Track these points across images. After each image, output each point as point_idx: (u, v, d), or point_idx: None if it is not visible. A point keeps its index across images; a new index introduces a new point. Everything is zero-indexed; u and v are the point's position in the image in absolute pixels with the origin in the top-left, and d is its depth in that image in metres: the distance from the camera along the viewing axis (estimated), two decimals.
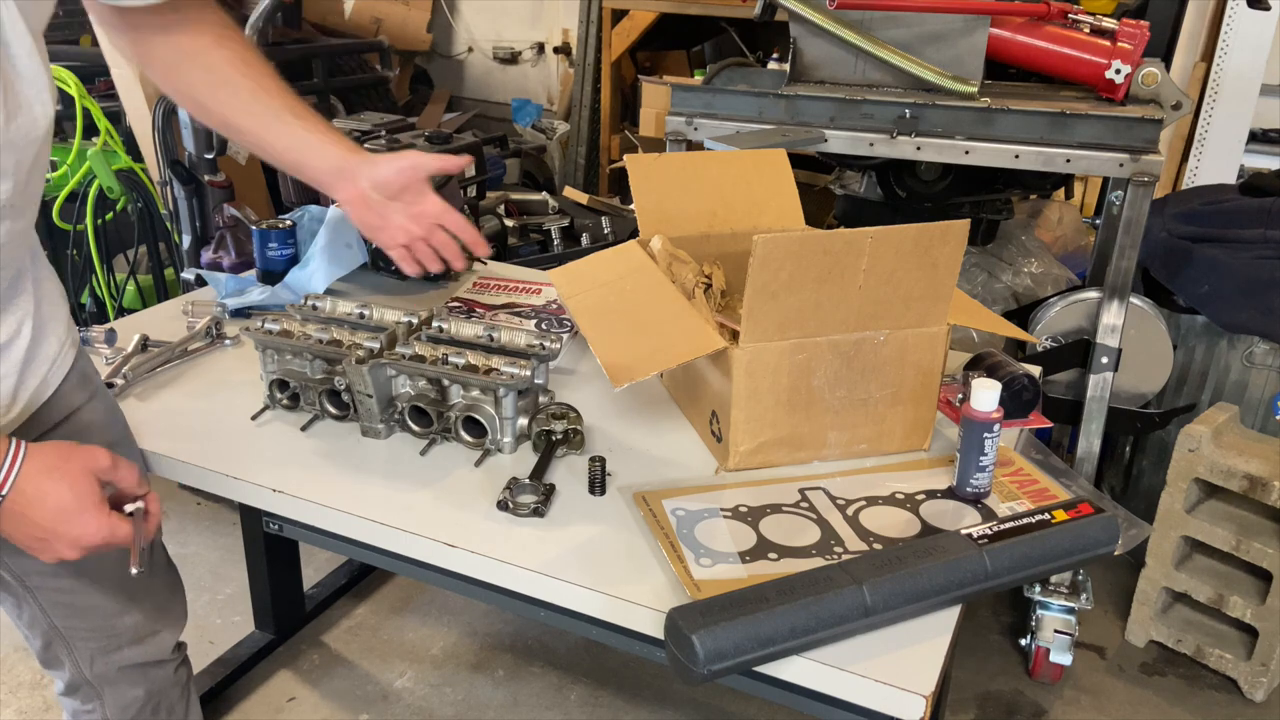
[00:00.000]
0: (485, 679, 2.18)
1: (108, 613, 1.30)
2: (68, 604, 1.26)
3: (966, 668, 2.19)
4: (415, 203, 1.41)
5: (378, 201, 1.38)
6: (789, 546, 1.14)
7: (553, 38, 4.92)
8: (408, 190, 1.39)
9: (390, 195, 1.39)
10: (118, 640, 1.32)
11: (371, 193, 1.37)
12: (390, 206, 1.39)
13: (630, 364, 1.20)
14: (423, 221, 1.41)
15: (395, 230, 1.41)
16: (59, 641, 1.29)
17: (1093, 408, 2.05)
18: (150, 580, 1.34)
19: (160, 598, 1.38)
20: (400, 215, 1.40)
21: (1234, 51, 3.20)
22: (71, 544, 1.00)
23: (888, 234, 1.18)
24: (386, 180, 1.37)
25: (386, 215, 1.40)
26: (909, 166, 2.33)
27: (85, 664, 1.31)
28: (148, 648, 1.35)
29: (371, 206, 1.39)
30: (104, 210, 2.81)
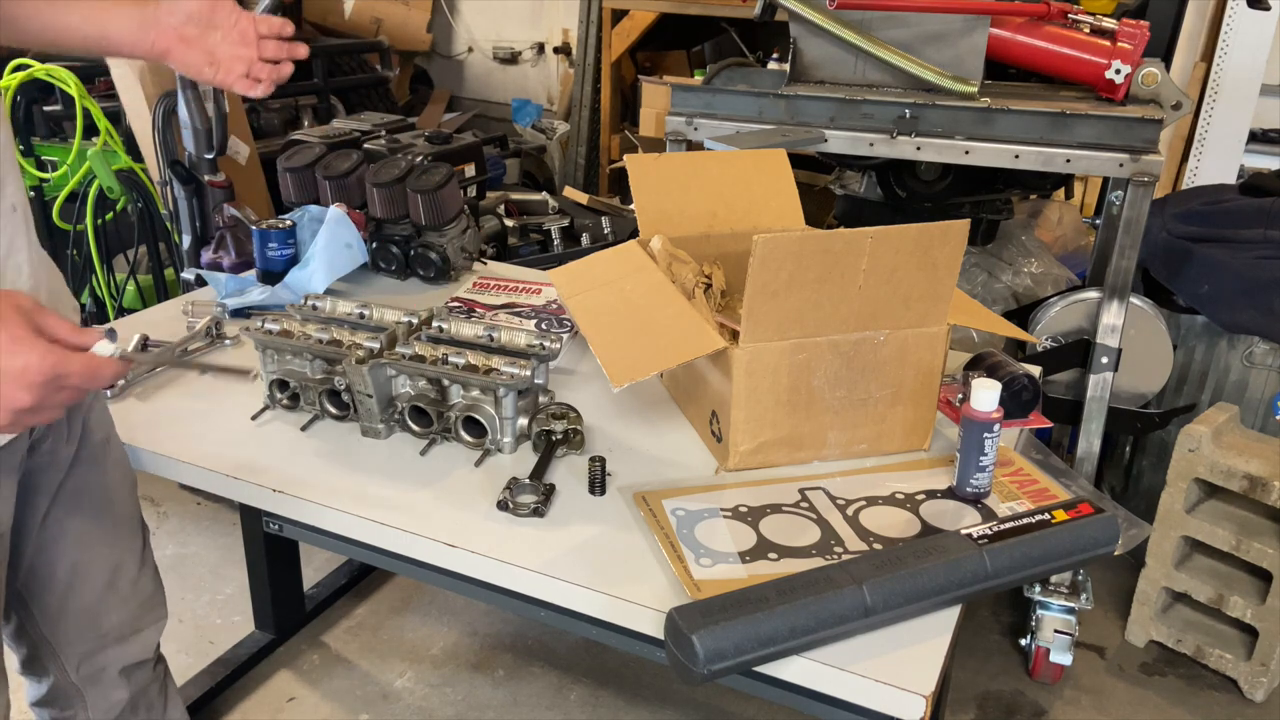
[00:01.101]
0: (485, 679, 2.18)
1: (94, 614, 1.29)
2: (59, 607, 1.26)
3: (966, 668, 2.19)
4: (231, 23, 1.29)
5: (197, 37, 1.26)
6: (789, 546, 1.14)
7: (553, 38, 4.92)
8: (218, 11, 1.28)
9: (206, 24, 1.27)
10: (102, 641, 1.31)
11: (187, 28, 1.25)
12: (211, 38, 1.27)
13: (630, 364, 1.20)
14: (247, 40, 1.30)
15: (229, 62, 1.29)
16: (45, 648, 1.28)
17: (1093, 408, 2.05)
18: (139, 578, 1.34)
19: (145, 594, 1.37)
20: (226, 45, 1.28)
21: (1234, 51, 3.19)
22: (17, 381, 0.87)
23: (888, 234, 1.18)
24: (192, 11, 1.25)
25: (213, 50, 1.28)
26: (909, 166, 2.33)
27: (71, 669, 1.30)
28: (132, 648, 1.35)
29: (194, 45, 1.26)
30: (104, 210, 2.80)
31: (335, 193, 1.87)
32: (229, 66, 1.29)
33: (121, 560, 1.31)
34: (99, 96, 2.81)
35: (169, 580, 1.44)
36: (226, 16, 1.28)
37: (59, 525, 1.22)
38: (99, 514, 1.26)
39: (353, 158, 1.89)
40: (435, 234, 1.88)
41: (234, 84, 1.31)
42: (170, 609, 1.43)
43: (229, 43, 1.28)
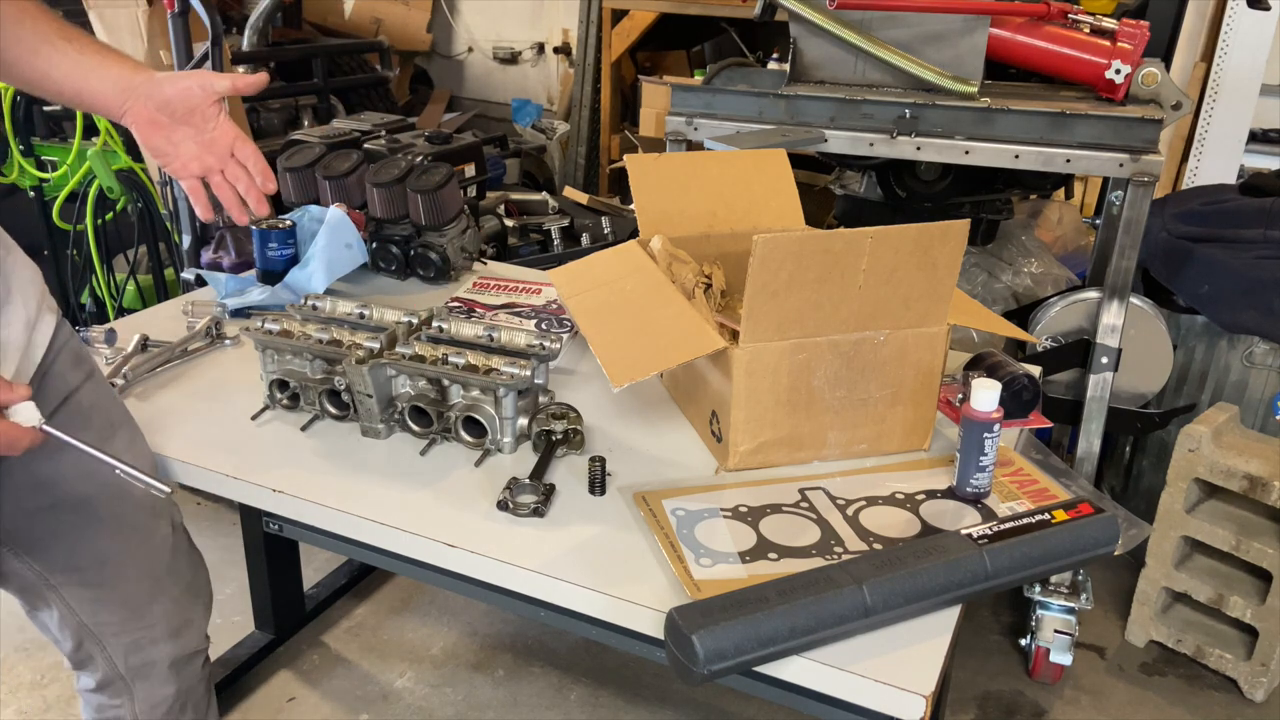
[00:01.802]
0: (485, 679, 2.18)
1: (136, 602, 1.28)
2: (95, 598, 1.25)
3: (966, 668, 2.19)
4: (205, 128, 1.29)
5: (166, 124, 1.27)
6: (789, 546, 1.14)
7: (553, 38, 4.92)
8: (196, 113, 1.28)
9: (177, 118, 1.27)
10: (152, 631, 1.30)
11: (158, 114, 1.26)
12: (179, 131, 1.28)
13: (630, 364, 1.20)
14: (215, 150, 1.30)
15: (187, 160, 1.30)
16: (90, 639, 1.27)
17: (1093, 408, 2.05)
18: (174, 562, 1.33)
19: (186, 579, 1.36)
20: (191, 143, 1.29)
21: (1234, 51, 3.20)
22: None
23: (888, 234, 1.18)
24: (169, 99, 1.25)
25: (176, 141, 1.28)
26: (909, 166, 2.33)
27: (119, 659, 1.29)
28: (182, 640, 1.34)
29: (160, 129, 1.27)
30: (104, 210, 2.81)
31: (335, 193, 1.87)
32: (185, 164, 1.30)
33: (155, 548, 1.30)
34: None
35: None
36: (202, 120, 1.28)
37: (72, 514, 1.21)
38: (114, 502, 1.24)
39: (353, 158, 1.89)
40: (435, 234, 1.88)
41: (184, 182, 1.32)
42: None
43: (194, 143, 1.29)
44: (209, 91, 1.28)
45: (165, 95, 1.25)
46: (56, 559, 1.22)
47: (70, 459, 1.18)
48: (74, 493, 1.20)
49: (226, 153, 1.31)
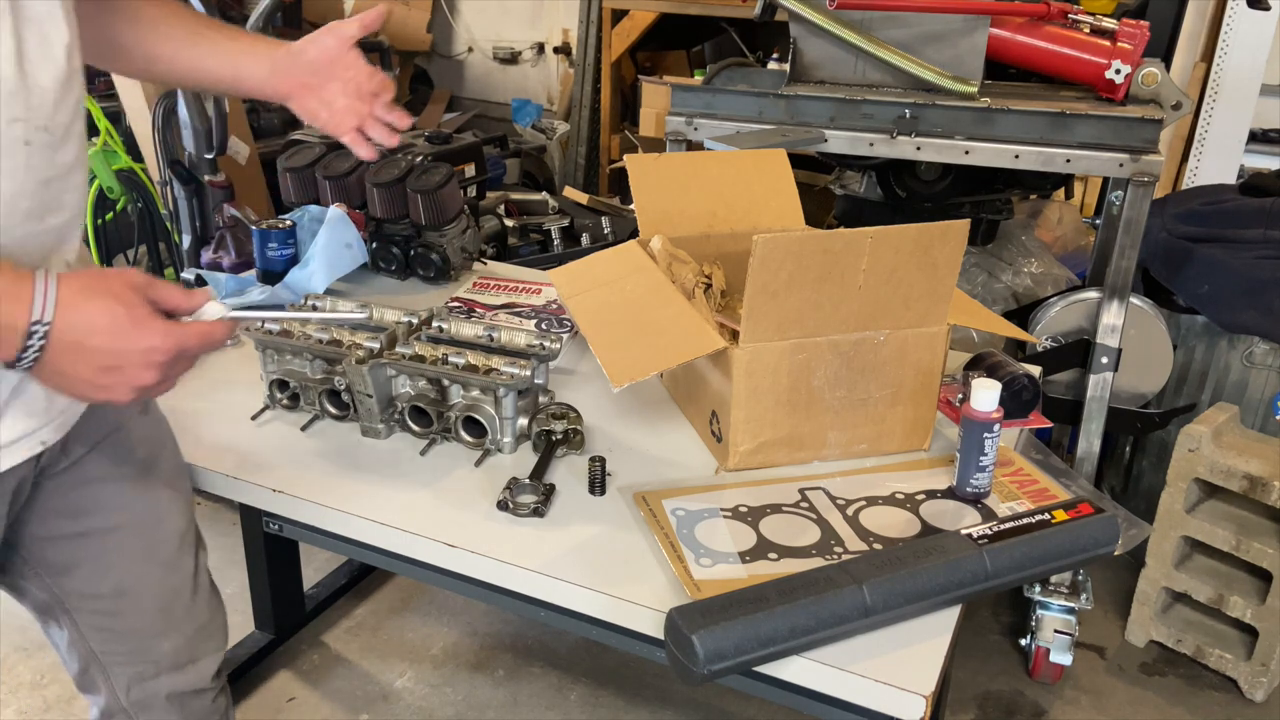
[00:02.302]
0: (485, 679, 2.18)
1: (147, 636, 1.26)
2: (107, 627, 1.23)
3: (966, 668, 2.19)
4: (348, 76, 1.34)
5: (317, 86, 1.32)
6: (789, 546, 1.14)
7: (553, 38, 4.92)
8: (338, 63, 1.33)
9: (323, 75, 1.32)
10: (156, 667, 1.27)
11: (309, 76, 1.32)
12: (329, 88, 1.33)
13: (630, 364, 1.20)
14: (363, 94, 1.35)
15: (343, 114, 1.35)
16: (95, 665, 1.25)
17: (1093, 408, 2.05)
18: (192, 603, 1.29)
19: (201, 621, 1.32)
20: (341, 96, 1.34)
21: (1234, 51, 3.19)
22: (144, 361, 0.90)
23: (888, 234, 1.19)
24: (313, 60, 1.31)
25: (329, 99, 1.33)
26: (909, 166, 2.33)
27: (121, 690, 1.27)
28: (187, 676, 1.30)
29: (313, 92, 1.33)
30: (104, 210, 2.81)
31: (335, 193, 1.87)
32: (342, 118, 1.35)
33: (177, 586, 1.27)
34: (99, 96, 2.81)
35: None
36: (345, 69, 1.34)
37: (100, 542, 1.18)
38: (144, 534, 1.22)
39: (353, 158, 1.89)
40: (435, 234, 1.88)
41: (344, 134, 1.36)
42: None
43: (345, 95, 1.34)
44: (344, 40, 1.32)
45: (309, 58, 1.31)
46: (76, 585, 1.20)
47: (110, 489, 1.17)
48: (106, 523, 1.18)
49: (369, 93, 1.35)
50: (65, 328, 0.87)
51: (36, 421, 1.01)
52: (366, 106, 1.35)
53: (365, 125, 1.36)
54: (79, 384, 0.91)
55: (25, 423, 1.00)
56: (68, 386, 0.91)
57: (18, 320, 0.85)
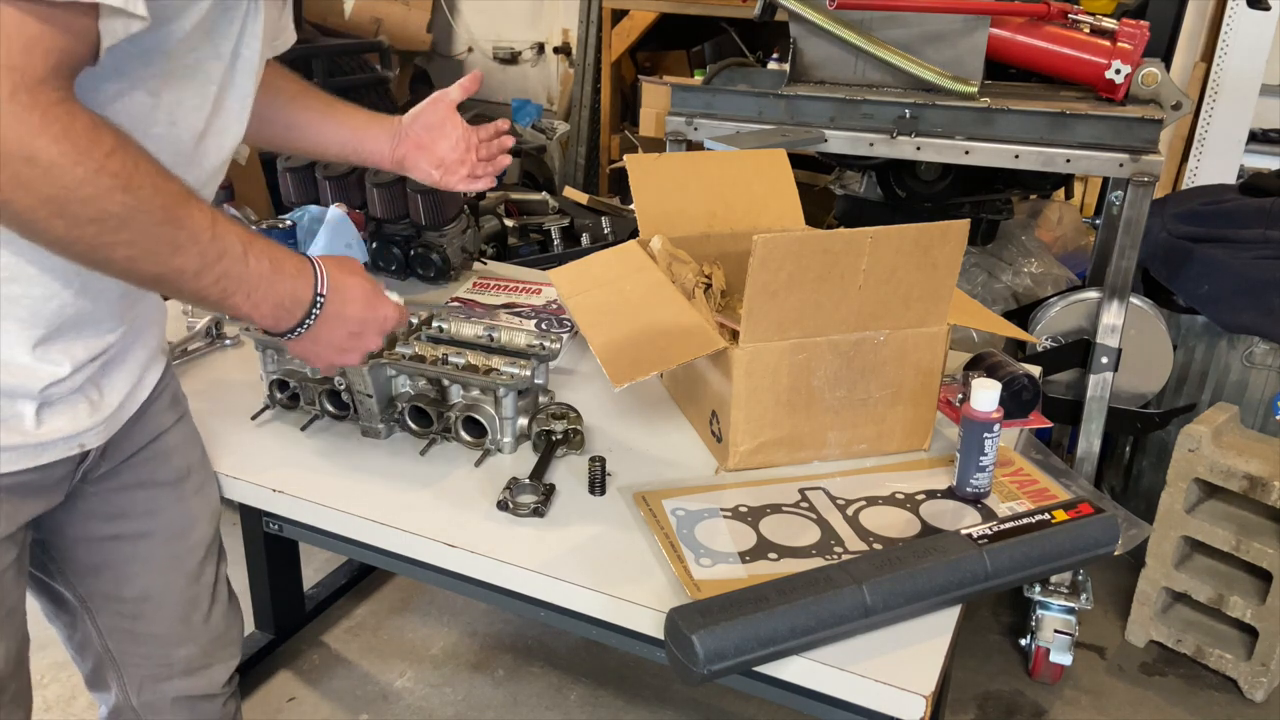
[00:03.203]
0: (485, 679, 2.18)
1: (165, 643, 1.26)
2: (127, 630, 1.24)
3: (966, 668, 2.19)
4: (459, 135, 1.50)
5: (430, 144, 1.47)
6: (789, 546, 1.14)
7: (553, 38, 4.92)
8: (446, 123, 1.48)
9: (438, 133, 1.48)
10: (169, 670, 1.28)
11: (424, 136, 1.46)
12: (441, 146, 1.48)
13: (630, 364, 1.20)
14: (471, 146, 1.51)
15: (453, 166, 1.50)
16: (109, 665, 1.26)
17: (1093, 408, 2.05)
18: (210, 613, 1.30)
19: (218, 631, 1.33)
20: (453, 153, 1.49)
21: (1234, 51, 3.20)
22: (379, 329, 1.12)
23: (888, 234, 1.18)
24: (429, 122, 1.47)
25: (443, 156, 1.48)
26: (909, 166, 2.33)
27: (134, 691, 1.28)
28: (199, 682, 1.31)
29: (426, 150, 1.47)
30: None
31: (335, 193, 1.87)
32: (453, 170, 1.50)
33: (197, 595, 1.28)
34: None
35: None
36: (454, 128, 1.50)
37: (130, 547, 1.19)
38: (173, 542, 1.23)
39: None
40: (435, 234, 1.88)
41: (456, 184, 1.52)
42: None
43: (456, 151, 1.49)
44: (449, 104, 1.48)
45: (423, 123, 1.47)
46: (103, 586, 1.21)
47: (144, 495, 1.19)
48: (138, 527, 1.19)
49: (474, 145, 1.51)
50: (335, 300, 1.05)
51: (80, 425, 1.04)
52: (471, 156, 1.51)
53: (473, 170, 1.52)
54: (328, 348, 1.09)
55: (70, 425, 1.03)
56: (318, 350, 1.09)
57: (304, 293, 1.02)
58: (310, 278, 1.03)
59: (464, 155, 1.50)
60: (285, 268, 1.00)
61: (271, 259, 0.99)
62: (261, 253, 0.98)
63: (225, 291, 0.95)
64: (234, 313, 0.99)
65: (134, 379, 1.12)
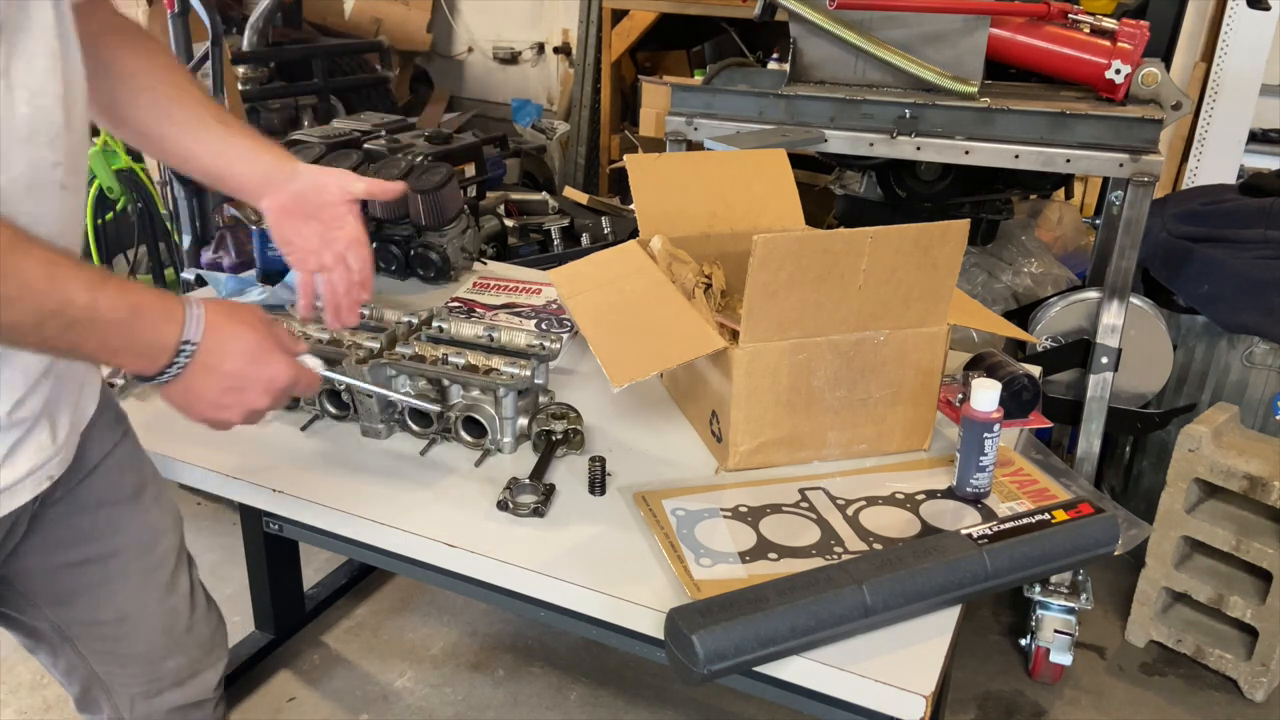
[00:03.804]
0: (485, 679, 2.18)
1: (151, 659, 1.25)
2: (110, 651, 1.22)
3: (966, 668, 2.19)
4: (333, 225, 1.32)
5: (299, 215, 1.31)
6: (789, 546, 1.14)
7: (553, 38, 4.92)
8: (327, 209, 1.31)
9: (310, 211, 1.31)
10: (159, 684, 1.27)
11: (294, 204, 1.30)
12: (309, 225, 1.31)
13: (630, 364, 1.20)
14: (334, 248, 1.33)
15: (306, 254, 1.33)
16: (98, 686, 1.25)
17: (1093, 408, 2.05)
18: (192, 621, 1.29)
19: (203, 637, 1.32)
20: (316, 238, 1.32)
21: (1234, 51, 3.20)
22: (264, 388, 1.00)
23: (888, 234, 1.18)
24: (304, 192, 1.29)
25: (304, 234, 1.32)
26: (909, 166, 2.33)
27: (125, 707, 1.26)
28: (189, 690, 1.30)
29: (291, 219, 1.31)
30: (104, 210, 2.81)
31: None
32: (303, 257, 1.34)
33: (176, 606, 1.26)
34: None
35: None
36: (332, 218, 1.32)
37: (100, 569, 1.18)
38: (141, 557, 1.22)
39: (353, 158, 1.89)
40: (435, 234, 1.88)
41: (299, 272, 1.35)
42: None
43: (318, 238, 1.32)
44: (344, 191, 1.32)
45: (302, 188, 1.29)
46: (78, 613, 1.19)
47: (105, 514, 1.16)
48: (106, 548, 1.17)
49: (342, 253, 1.33)
50: (209, 349, 0.95)
51: (45, 456, 1.01)
52: (332, 261, 1.33)
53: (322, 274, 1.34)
54: (202, 403, 0.99)
55: (36, 458, 1.00)
56: (191, 404, 0.99)
57: (168, 339, 0.93)
58: (178, 323, 0.93)
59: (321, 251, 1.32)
60: (146, 312, 0.92)
61: (131, 304, 0.90)
62: (117, 297, 0.89)
63: (74, 342, 0.89)
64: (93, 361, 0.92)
65: (75, 396, 1.07)
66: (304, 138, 2.12)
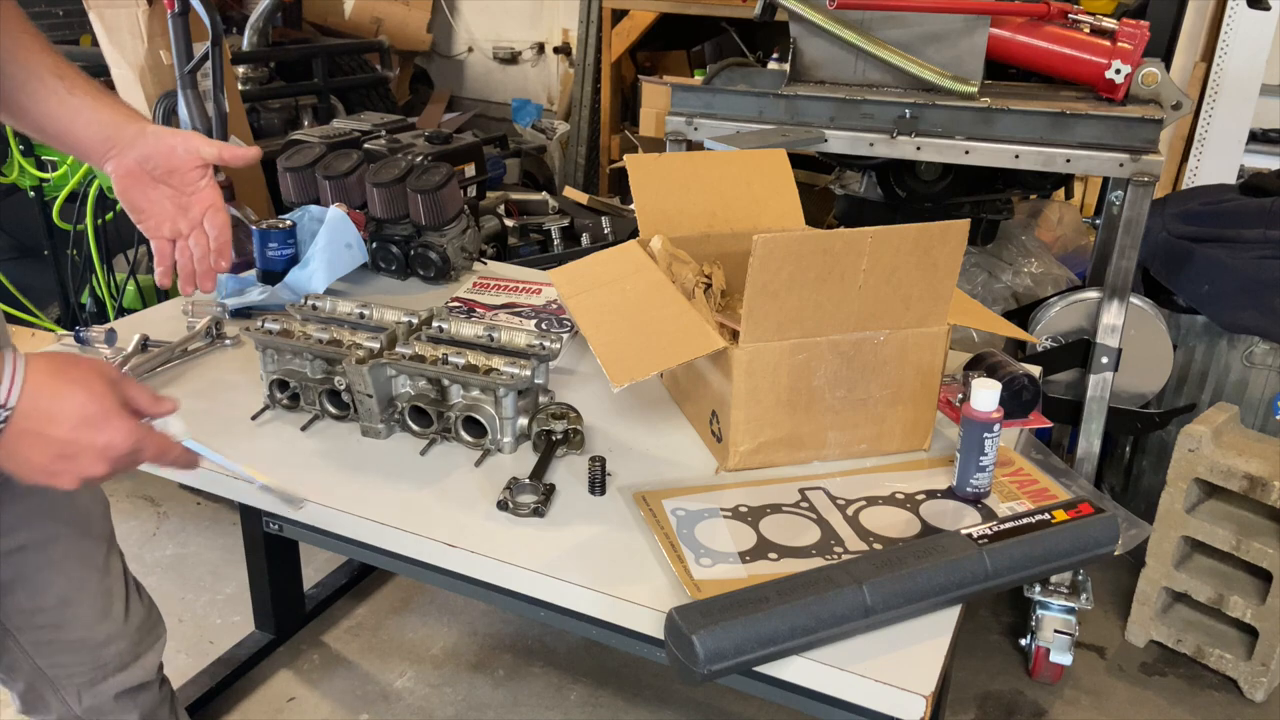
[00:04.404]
0: (485, 679, 2.18)
1: (92, 644, 1.26)
2: (52, 640, 1.22)
3: (966, 668, 2.19)
4: (184, 190, 1.25)
5: (145, 179, 1.23)
6: (789, 546, 1.14)
7: (553, 38, 4.92)
8: (176, 174, 1.23)
9: (158, 175, 1.23)
10: (104, 671, 1.28)
11: (139, 167, 1.22)
12: (157, 190, 1.24)
13: (630, 364, 1.20)
14: (189, 214, 1.26)
15: (160, 220, 1.25)
16: (43, 682, 1.24)
17: (1093, 408, 2.05)
18: (127, 602, 1.30)
19: (140, 618, 1.33)
20: (167, 202, 1.25)
21: (1234, 51, 3.20)
22: (99, 455, 0.89)
23: (888, 234, 1.18)
24: (150, 155, 1.21)
25: (152, 199, 1.24)
26: (909, 166, 2.33)
27: (74, 701, 1.26)
28: (133, 673, 1.32)
29: (138, 183, 1.23)
30: (104, 210, 2.80)
31: (335, 193, 1.87)
32: (156, 223, 1.26)
33: (111, 588, 1.27)
34: None
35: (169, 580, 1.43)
36: (182, 182, 1.24)
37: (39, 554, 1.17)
38: (77, 540, 1.22)
39: (353, 158, 1.89)
40: (435, 234, 1.88)
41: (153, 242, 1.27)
42: (170, 609, 1.42)
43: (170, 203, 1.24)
44: (193, 155, 1.24)
45: (147, 150, 1.21)
46: (19, 602, 1.18)
47: (37, 499, 1.14)
48: (43, 533, 1.17)
49: (199, 219, 1.27)
50: (29, 413, 0.86)
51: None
52: (187, 226, 1.27)
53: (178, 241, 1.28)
54: (28, 467, 0.89)
55: None
56: (15, 467, 0.89)
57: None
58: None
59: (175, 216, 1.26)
60: None
61: None
62: None
63: None
64: None
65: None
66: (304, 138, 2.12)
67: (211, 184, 1.27)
